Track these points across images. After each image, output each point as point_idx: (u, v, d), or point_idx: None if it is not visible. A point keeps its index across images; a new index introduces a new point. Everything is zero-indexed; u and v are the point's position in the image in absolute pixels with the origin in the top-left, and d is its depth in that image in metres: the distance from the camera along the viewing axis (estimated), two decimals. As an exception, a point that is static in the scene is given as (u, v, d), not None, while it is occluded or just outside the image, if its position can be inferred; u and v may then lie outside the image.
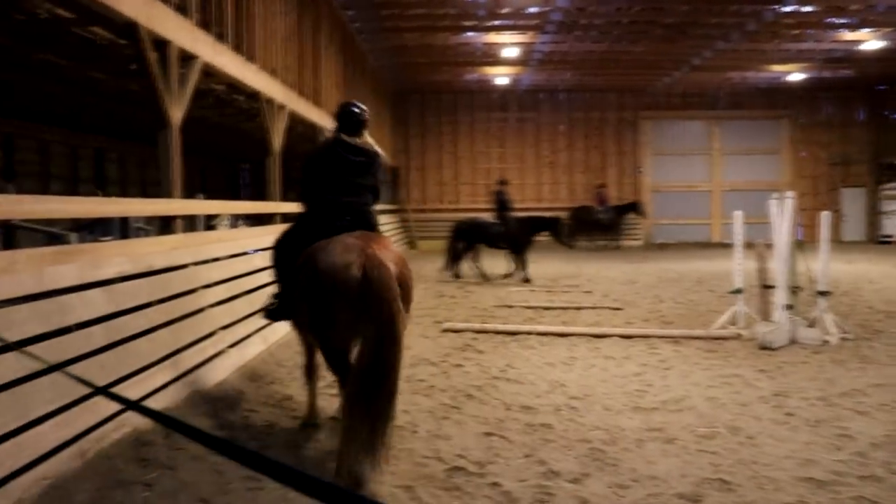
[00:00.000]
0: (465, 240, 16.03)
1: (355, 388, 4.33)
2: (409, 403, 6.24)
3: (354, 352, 4.65)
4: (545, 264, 18.50)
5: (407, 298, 4.76)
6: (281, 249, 5.65)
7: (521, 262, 15.59)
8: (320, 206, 5.37)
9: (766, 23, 19.45)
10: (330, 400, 6.04)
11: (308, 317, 4.90)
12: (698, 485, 4.41)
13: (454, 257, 16.09)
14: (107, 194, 17.66)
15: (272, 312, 5.77)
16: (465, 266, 16.20)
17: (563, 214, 19.92)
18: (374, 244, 4.71)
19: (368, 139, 5.55)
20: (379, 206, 6.13)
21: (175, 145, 7.92)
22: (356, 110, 5.53)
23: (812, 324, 8.89)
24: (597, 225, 26.38)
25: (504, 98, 30.34)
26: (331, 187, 5.34)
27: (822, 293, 8.96)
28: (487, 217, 16.54)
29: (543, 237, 16.41)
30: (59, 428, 4.40)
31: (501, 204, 16.09)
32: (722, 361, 7.83)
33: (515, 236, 15.68)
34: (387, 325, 4.35)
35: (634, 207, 26.84)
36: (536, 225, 16.04)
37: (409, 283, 4.85)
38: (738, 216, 9.83)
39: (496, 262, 16.77)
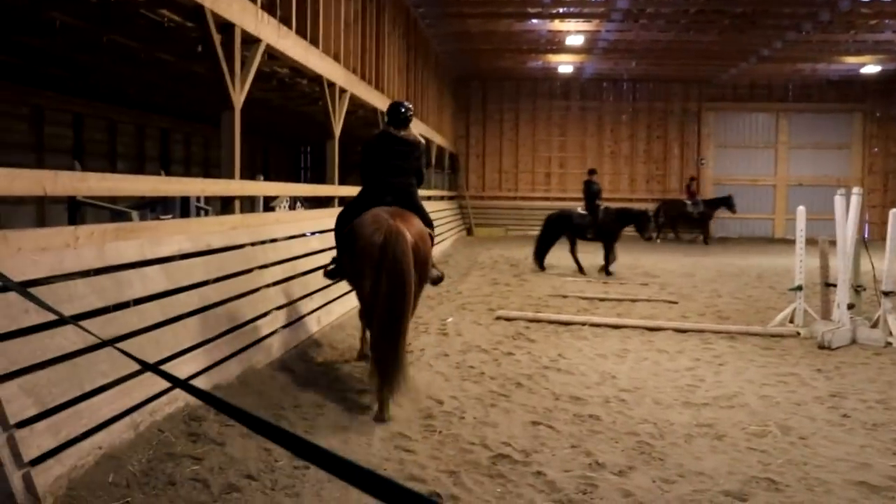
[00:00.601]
0: (555, 231, 15.71)
1: (376, 330, 5.59)
2: (458, 389, 6.28)
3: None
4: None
5: (420, 265, 5.80)
6: (340, 220, 6.65)
7: (611, 253, 15.22)
8: (372, 186, 6.44)
9: (841, 13, 18.83)
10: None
11: (348, 272, 6.34)
12: (746, 483, 4.34)
13: (542, 248, 15.82)
14: (170, 173, 18.06)
15: (330, 272, 6.93)
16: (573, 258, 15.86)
17: (650, 207, 19.28)
18: (399, 218, 5.76)
19: (413, 131, 6.75)
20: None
21: (236, 127, 8.04)
22: (402, 109, 6.57)
23: (875, 324, 8.63)
24: (686, 219, 25.62)
25: (567, 86, 30.09)
26: (380, 171, 6.41)
27: (887, 293, 8.65)
28: (577, 208, 16.14)
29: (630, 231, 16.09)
30: (114, 400, 4.52)
31: (592, 194, 15.67)
32: (778, 359, 7.67)
33: (605, 227, 15.37)
34: (397, 281, 5.46)
35: (727, 202, 25.37)
36: (625, 217, 15.63)
37: (424, 251, 5.89)
38: (800, 212, 9.59)
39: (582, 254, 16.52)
